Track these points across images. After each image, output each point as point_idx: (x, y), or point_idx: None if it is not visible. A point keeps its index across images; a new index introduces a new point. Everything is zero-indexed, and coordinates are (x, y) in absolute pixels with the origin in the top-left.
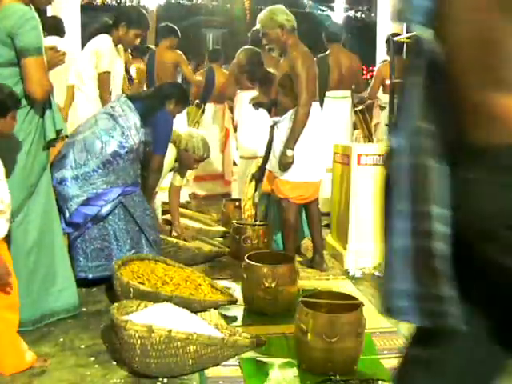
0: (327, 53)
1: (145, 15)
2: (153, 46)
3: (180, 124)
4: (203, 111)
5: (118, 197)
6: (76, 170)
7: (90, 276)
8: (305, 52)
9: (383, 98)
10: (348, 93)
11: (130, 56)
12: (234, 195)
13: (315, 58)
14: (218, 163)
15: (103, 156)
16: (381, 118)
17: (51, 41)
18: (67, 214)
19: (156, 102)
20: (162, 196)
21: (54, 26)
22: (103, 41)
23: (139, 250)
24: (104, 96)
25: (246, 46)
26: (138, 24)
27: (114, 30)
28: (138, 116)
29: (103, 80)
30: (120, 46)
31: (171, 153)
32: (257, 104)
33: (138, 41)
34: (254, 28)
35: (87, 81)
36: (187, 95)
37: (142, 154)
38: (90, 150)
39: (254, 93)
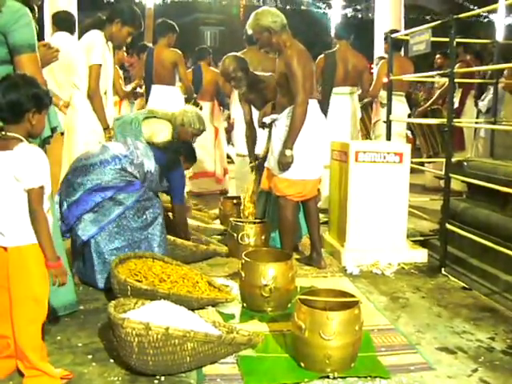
0: (335, 49)
1: (139, 14)
2: (150, 44)
3: None
4: (201, 108)
5: (114, 194)
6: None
7: (100, 286)
8: (300, 50)
9: (385, 95)
10: (354, 89)
11: (125, 54)
12: (232, 193)
13: (323, 54)
14: (210, 160)
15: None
16: (381, 115)
17: (61, 37)
18: (65, 206)
19: (174, 158)
20: None
21: (66, 22)
22: (95, 35)
23: None
24: (93, 87)
25: (230, 54)
26: (132, 22)
27: (107, 26)
28: (151, 154)
29: (94, 72)
30: (110, 43)
31: (167, 131)
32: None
33: (129, 39)
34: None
35: (83, 78)
36: (195, 154)
37: (150, 182)
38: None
39: None
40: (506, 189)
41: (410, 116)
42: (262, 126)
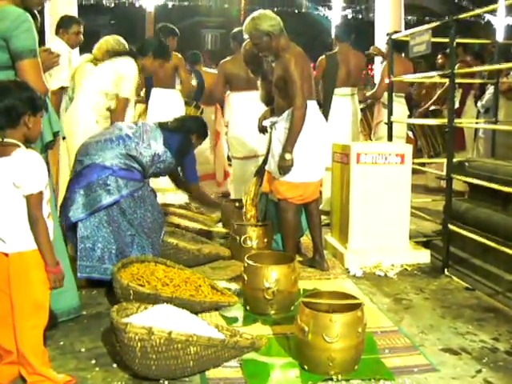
0: (335, 50)
1: (168, 47)
2: None
3: None
4: (201, 112)
5: (107, 176)
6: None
7: (78, 274)
8: (297, 52)
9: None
10: (355, 90)
11: None
12: (232, 196)
13: (324, 56)
14: (210, 163)
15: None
16: (383, 116)
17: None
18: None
19: (185, 139)
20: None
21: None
22: (130, 66)
23: (128, 254)
24: (119, 119)
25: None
26: (162, 55)
27: (139, 58)
28: (162, 140)
29: (122, 105)
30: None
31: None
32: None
33: (161, 71)
34: (234, 31)
35: (98, 93)
36: (207, 130)
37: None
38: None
39: (245, 94)
40: (507, 188)
41: (410, 117)
42: (262, 129)
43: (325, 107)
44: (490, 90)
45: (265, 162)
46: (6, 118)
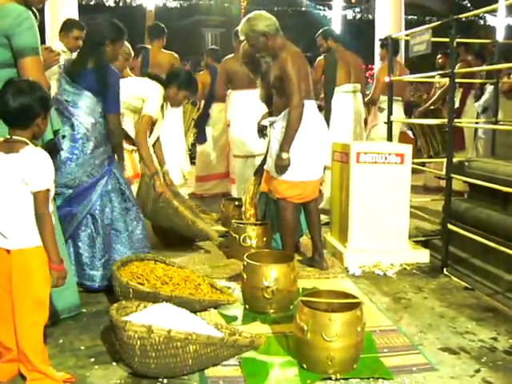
0: (332, 51)
1: (195, 79)
2: (149, 46)
3: (176, 123)
4: (198, 109)
5: (94, 189)
6: None
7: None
8: (294, 52)
9: (382, 99)
10: (357, 86)
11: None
12: (234, 194)
13: (322, 56)
14: (221, 162)
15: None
16: (379, 120)
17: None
18: None
19: (101, 70)
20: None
21: None
22: (154, 88)
23: (111, 255)
24: (140, 138)
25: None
26: (188, 88)
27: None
28: (85, 93)
29: (144, 122)
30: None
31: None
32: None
33: (185, 101)
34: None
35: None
36: (117, 24)
37: (102, 132)
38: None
39: (247, 92)
40: (507, 188)
41: (410, 117)
42: (261, 129)
43: (326, 107)
44: (489, 89)
45: (264, 161)
46: (21, 118)
